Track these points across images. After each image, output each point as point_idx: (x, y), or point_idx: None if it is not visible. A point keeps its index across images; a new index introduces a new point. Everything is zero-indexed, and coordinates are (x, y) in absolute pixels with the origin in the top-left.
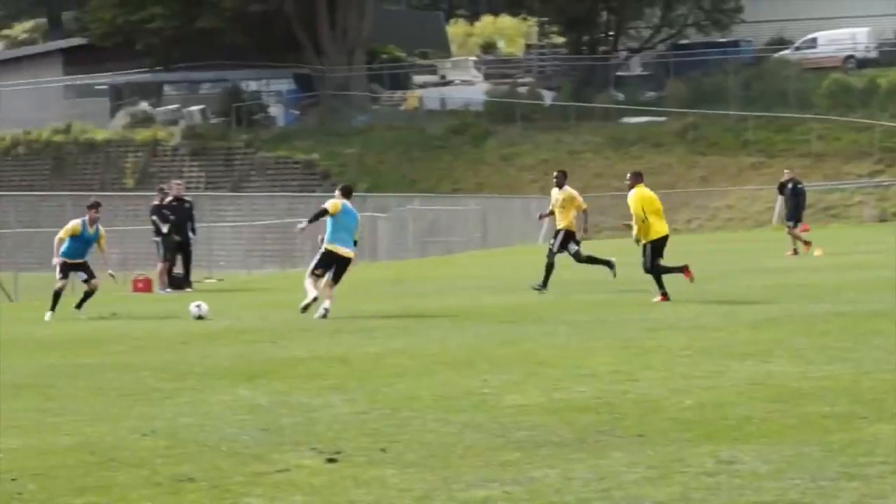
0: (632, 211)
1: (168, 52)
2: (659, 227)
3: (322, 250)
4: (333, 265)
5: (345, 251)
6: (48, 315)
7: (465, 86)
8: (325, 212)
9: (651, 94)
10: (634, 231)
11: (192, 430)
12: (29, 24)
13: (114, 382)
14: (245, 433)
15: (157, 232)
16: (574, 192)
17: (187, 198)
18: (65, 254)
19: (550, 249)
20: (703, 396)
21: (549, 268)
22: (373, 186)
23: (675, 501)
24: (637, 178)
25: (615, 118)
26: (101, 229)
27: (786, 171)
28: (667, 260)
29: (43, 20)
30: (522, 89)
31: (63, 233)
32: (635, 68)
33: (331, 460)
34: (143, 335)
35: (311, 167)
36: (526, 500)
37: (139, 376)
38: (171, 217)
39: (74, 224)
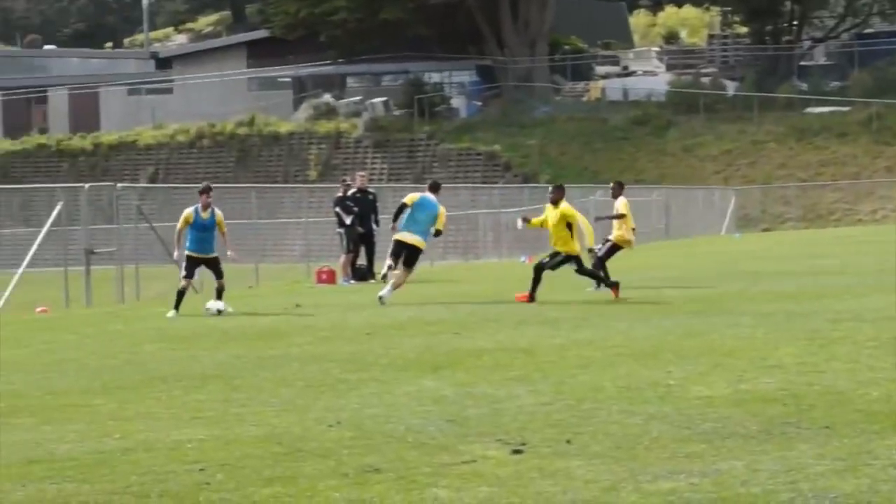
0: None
1: (351, 44)
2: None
3: (394, 240)
4: (403, 253)
5: (412, 239)
6: (171, 313)
7: (647, 76)
8: (403, 206)
9: (835, 83)
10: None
11: (378, 420)
12: (213, 18)
13: (299, 373)
14: (430, 424)
15: (341, 223)
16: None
17: (371, 189)
18: (190, 247)
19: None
20: (890, 388)
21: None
22: (554, 177)
23: (863, 494)
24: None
25: (799, 108)
26: (218, 213)
27: None
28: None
29: (227, 13)
30: (705, 79)
31: (180, 223)
32: (819, 58)
33: (516, 451)
34: (327, 326)
35: (493, 158)
36: (712, 492)
37: (324, 367)
38: (355, 209)
39: (187, 212)
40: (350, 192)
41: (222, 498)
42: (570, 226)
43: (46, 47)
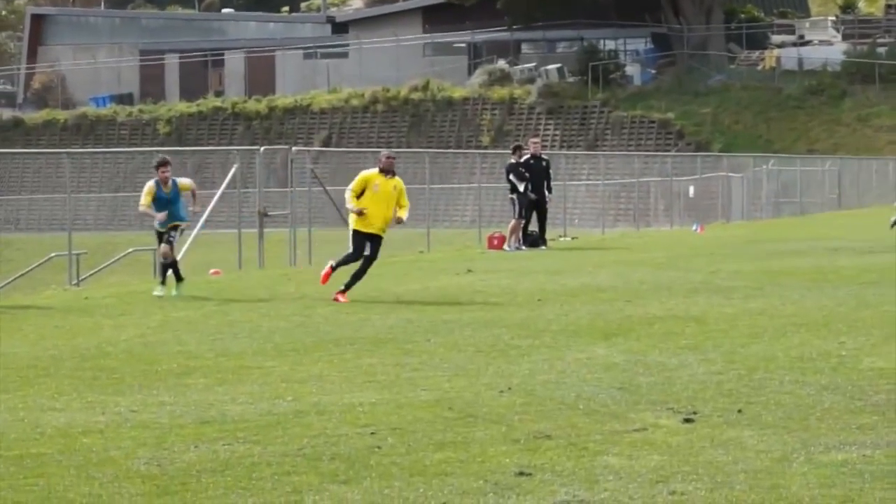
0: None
1: (527, 10)
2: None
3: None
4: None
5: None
6: (159, 290)
7: (823, 45)
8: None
9: None
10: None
11: (549, 387)
12: None
13: (471, 339)
14: (601, 391)
15: (514, 189)
16: None
17: (544, 156)
18: (162, 223)
19: None
20: None
21: None
22: (728, 146)
23: None
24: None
25: None
26: (181, 181)
27: None
28: None
29: None
30: (881, 49)
31: (144, 198)
32: None
33: (687, 420)
34: (498, 292)
35: (667, 126)
36: (886, 465)
37: (496, 333)
38: (527, 175)
39: (149, 186)
40: (523, 159)
41: (393, 462)
42: None
43: (224, 11)
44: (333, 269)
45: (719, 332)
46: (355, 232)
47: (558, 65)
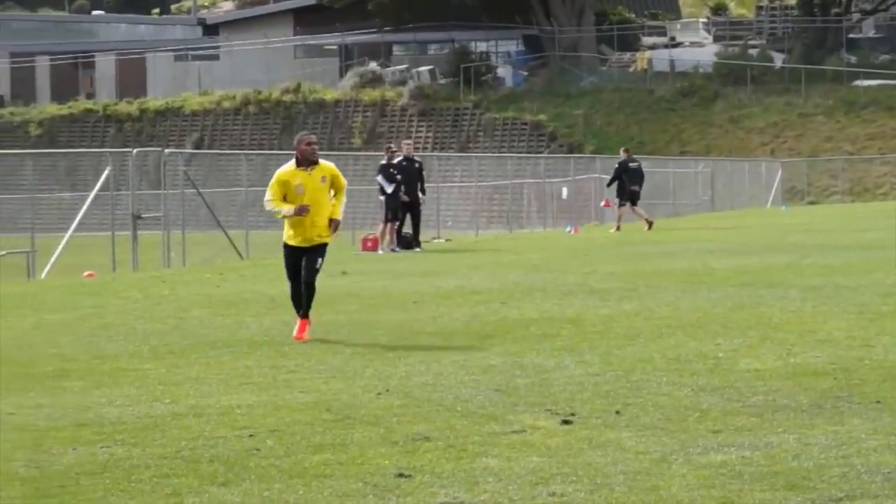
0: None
1: (397, 12)
2: None
3: None
4: None
5: None
6: None
7: (694, 47)
8: None
9: (885, 56)
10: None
11: (427, 389)
12: None
13: (347, 341)
14: (479, 393)
15: (382, 192)
16: None
17: (417, 158)
18: None
19: None
20: None
21: None
22: (600, 148)
23: None
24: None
25: (847, 81)
26: None
27: None
28: None
29: None
30: (753, 51)
31: None
32: (868, 31)
33: (566, 422)
34: (374, 294)
35: (539, 128)
36: (764, 466)
37: (372, 335)
38: (398, 176)
39: None
40: (395, 160)
41: (272, 464)
42: None
43: (94, 13)
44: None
45: (595, 333)
46: (286, 249)
47: (430, 67)
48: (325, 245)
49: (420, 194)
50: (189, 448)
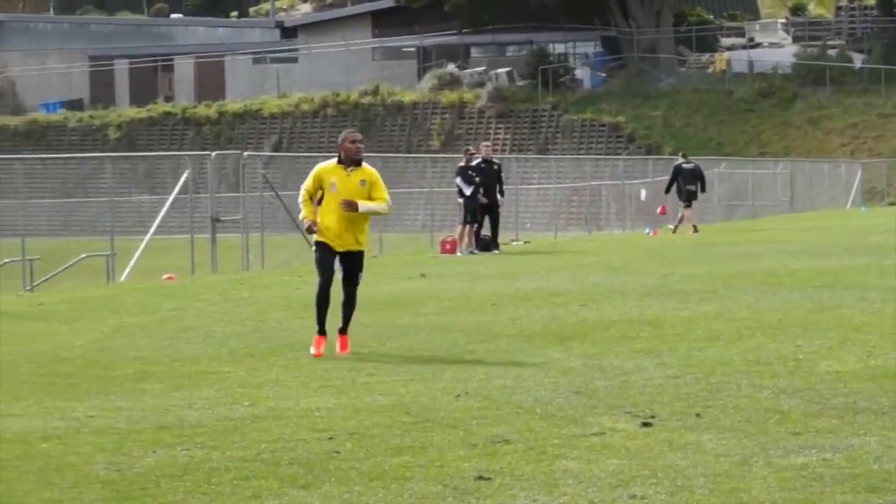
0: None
1: (476, 13)
2: None
3: None
4: None
5: None
6: None
7: (773, 48)
8: None
9: None
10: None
11: (506, 391)
12: None
13: (426, 343)
14: (558, 396)
15: (461, 193)
16: None
17: (496, 160)
18: None
19: None
20: None
21: None
22: (679, 149)
23: None
24: None
25: None
26: None
27: None
28: None
29: None
30: (832, 52)
31: None
32: None
33: (646, 424)
34: (453, 296)
35: (617, 130)
36: (845, 468)
37: (451, 337)
38: (477, 179)
39: None
40: (473, 163)
41: (352, 466)
42: None
43: (173, 16)
44: (320, 331)
45: (675, 335)
46: (318, 246)
47: (508, 68)
48: (361, 254)
49: (498, 196)
50: (269, 451)
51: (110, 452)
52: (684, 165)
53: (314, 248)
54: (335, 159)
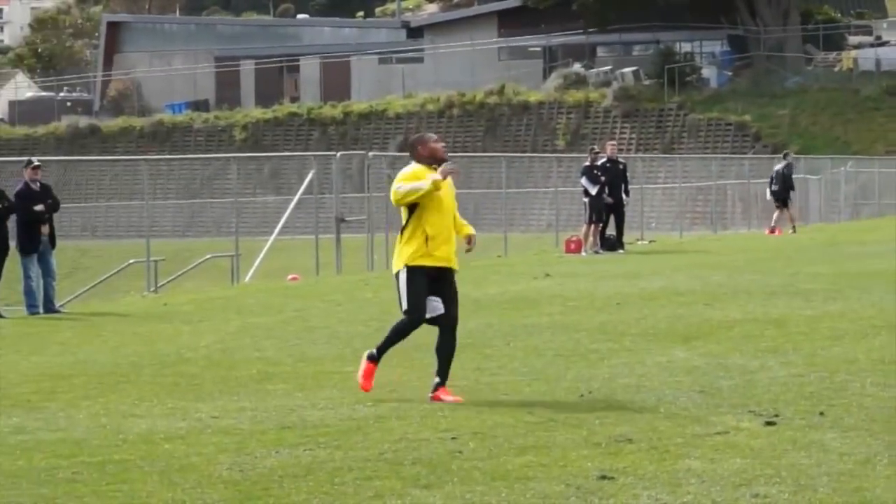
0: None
1: (602, 13)
2: None
3: None
4: None
5: None
6: None
7: None
8: None
9: None
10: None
11: (629, 391)
12: None
13: (550, 343)
14: (682, 395)
15: (586, 193)
16: None
17: (621, 159)
18: None
19: None
20: None
21: None
22: (805, 148)
23: None
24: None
25: None
26: None
27: None
28: None
29: None
30: None
31: None
32: None
33: (769, 423)
34: (577, 296)
35: (744, 129)
36: None
37: (575, 337)
38: (602, 178)
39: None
40: (599, 162)
41: (475, 466)
42: None
43: (299, 16)
44: (376, 360)
45: (799, 334)
46: (411, 272)
47: (634, 68)
48: (454, 275)
49: (624, 196)
50: (392, 450)
51: (233, 453)
52: (775, 167)
53: (404, 275)
54: (414, 165)
